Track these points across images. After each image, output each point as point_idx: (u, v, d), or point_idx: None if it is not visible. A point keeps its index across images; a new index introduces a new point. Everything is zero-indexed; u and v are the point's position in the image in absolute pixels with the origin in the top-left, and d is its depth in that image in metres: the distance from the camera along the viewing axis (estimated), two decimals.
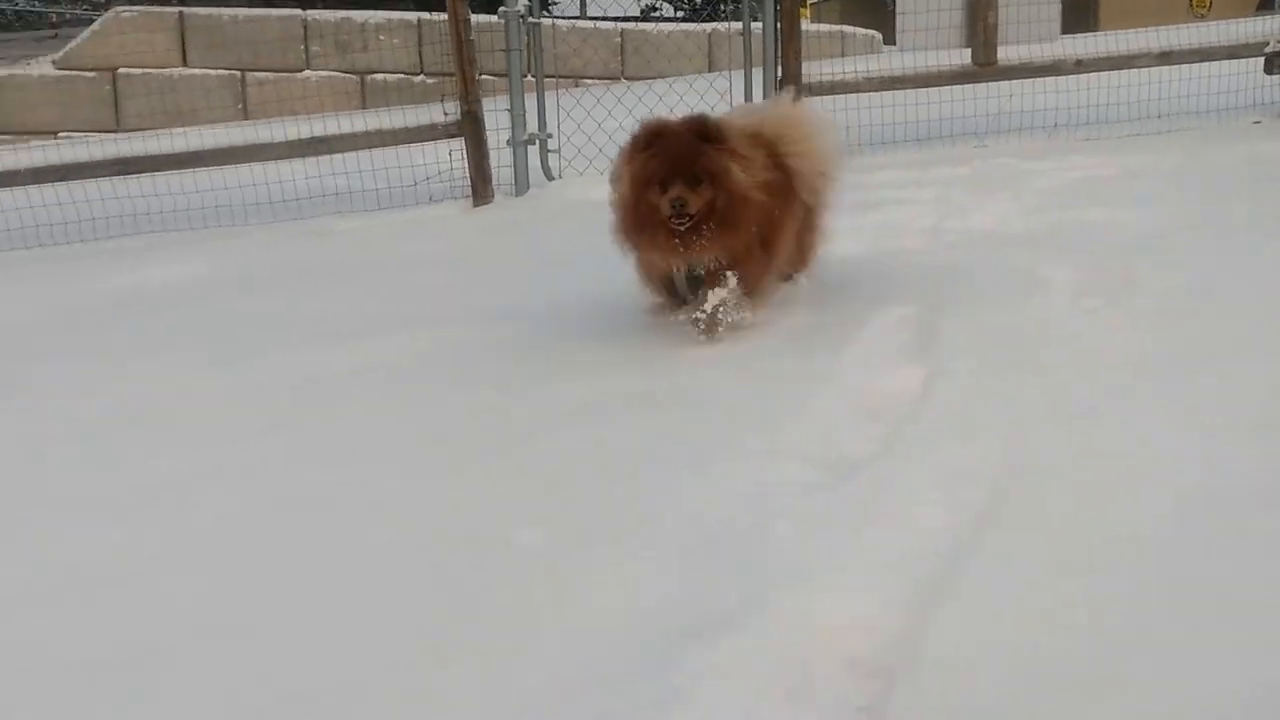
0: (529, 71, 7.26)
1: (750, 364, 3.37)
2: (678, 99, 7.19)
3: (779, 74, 6.99)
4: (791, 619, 2.10)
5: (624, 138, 6.81)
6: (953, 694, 1.88)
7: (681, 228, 3.46)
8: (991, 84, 7.53)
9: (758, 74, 7.19)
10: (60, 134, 10.62)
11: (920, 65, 7.44)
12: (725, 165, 3.49)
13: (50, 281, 5.75)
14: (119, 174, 6.88)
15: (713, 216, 3.48)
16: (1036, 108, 7.41)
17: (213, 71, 11.24)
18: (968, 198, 5.55)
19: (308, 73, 11.45)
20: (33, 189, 6.79)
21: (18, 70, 11.14)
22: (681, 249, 3.51)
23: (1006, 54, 7.57)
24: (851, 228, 4.80)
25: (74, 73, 10.98)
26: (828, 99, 7.07)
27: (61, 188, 6.76)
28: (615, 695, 1.90)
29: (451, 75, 7.03)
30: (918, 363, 3.22)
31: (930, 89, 7.39)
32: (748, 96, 7.03)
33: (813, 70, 7.21)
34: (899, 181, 6.14)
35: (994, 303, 3.71)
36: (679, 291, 3.76)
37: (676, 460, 2.77)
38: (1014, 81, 7.52)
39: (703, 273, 3.64)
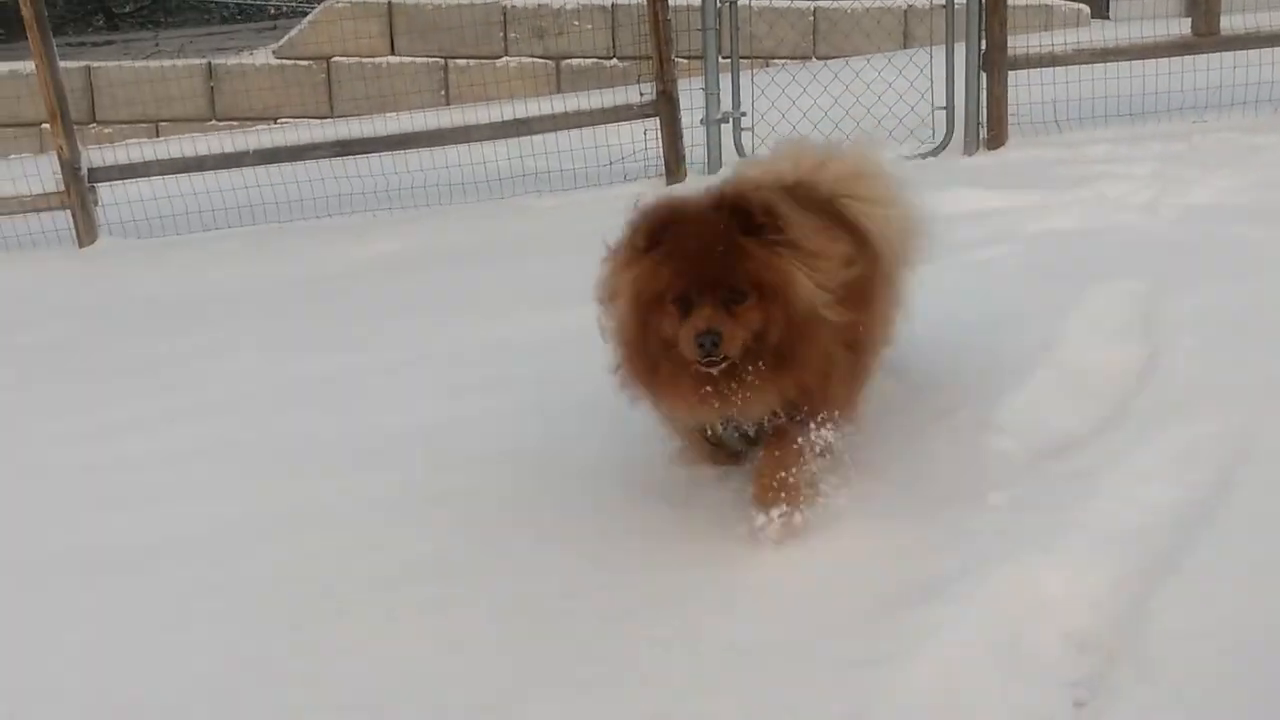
0: (723, 51, 7.29)
1: (961, 336, 3.31)
2: (875, 74, 7.12)
3: (982, 47, 6.79)
4: (1005, 589, 2.09)
5: (818, 116, 6.72)
6: (1176, 672, 1.84)
7: (715, 371, 2.25)
8: (1212, 55, 7.11)
9: (959, 49, 7.00)
10: (279, 120, 11.26)
11: (1134, 36, 7.10)
12: (785, 272, 2.26)
13: (285, 256, 6.17)
14: (338, 155, 7.27)
15: (767, 350, 2.26)
16: (1263, 80, 6.96)
17: (418, 59, 11.70)
18: (1187, 173, 5.29)
19: (506, 59, 11.78)
20: (259, 169, 7.25)
21: (241, 60, 11.86)
22: (719, 401, 2.29)
23: (1231, 23, 7.13)
24: (1063, 202, 4.67)
25: (292, 61, 11.61)
26: (1035, 72, 6.84)
27: (286, 168, 7.21)
28: (827, 653, 1.94)
29: (643, 59, 7.13)
30: (1140, 339, 3.11)
31: (1144, 61, 7.04)
32: (949, 72, 6.85)
33: (1018, 43, 6.98)
34: (1111, 156, 5.90)
35: (1220, 279, 3.53)
36: (726, 446, 2.60)
37: (885, 431, 2.76)
38: (1238, 53, 7.08)
39: (755, 431, 2.47)
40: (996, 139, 6.71)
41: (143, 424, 3.52)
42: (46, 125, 7.56)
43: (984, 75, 6.75)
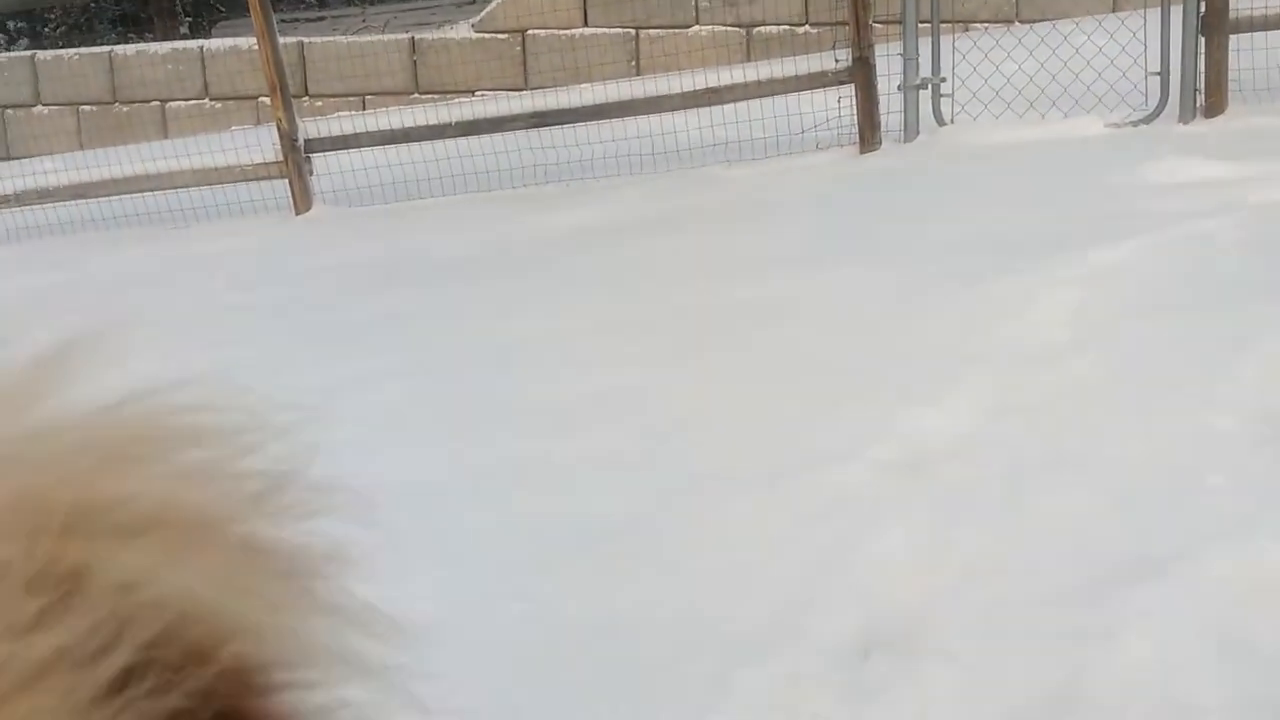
0: (922, 15, 7.13)
1: (1179, 311, 3.17)
2: (1084, 38, 6.84)
3: (1201, 9, 6.42)
4: (1225, 571, 2.03)
5: (1023, 82, 6.50)
6: None
7: None
8: None
9: (1176, 11, 6.64)
10: (477, 92, 11.61)
11: None
12: None
13: (487, 223, 6.41)
14: (534, 126, 7.49)
15: None
16: None
17: (610, 30, 11.85)
18: None
19: (697, 28, 11.79)
20: (460, 140, 7.53)
21: (443, 34, 12.27)
22: None
23: None
24: None
25: (490, 35, 11.95)
26: (1259, 36, 6.43)
27: (485, 139, 7.46)
28: (1042, 624, 1.93)
29: (837, 25, 7.05)
30: None
31: None
32: (1164, 37, 6.51)
33: (1240, 5, 6.57)
34: None
35: None
36: None
37: (1104, 408, 2.70)
38: None
39: None
40: (1215, 106, 6.35)
41: (364, 381, 3.74)
42: (263, 98, 8.04)
43: (1202, 39, 6.39)
